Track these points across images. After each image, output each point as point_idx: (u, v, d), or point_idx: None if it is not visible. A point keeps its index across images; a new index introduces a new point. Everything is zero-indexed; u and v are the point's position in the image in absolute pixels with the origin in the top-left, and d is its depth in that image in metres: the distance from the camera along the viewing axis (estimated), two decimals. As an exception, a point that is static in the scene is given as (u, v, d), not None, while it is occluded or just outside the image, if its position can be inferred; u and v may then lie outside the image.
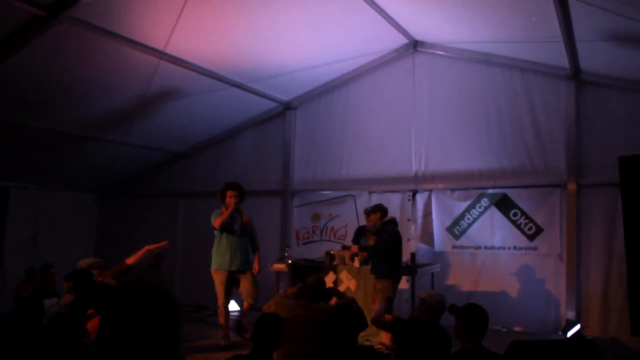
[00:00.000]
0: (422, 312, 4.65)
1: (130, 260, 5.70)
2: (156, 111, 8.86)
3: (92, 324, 4.00)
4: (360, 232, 8.44)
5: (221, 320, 7.24)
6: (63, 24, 6.04)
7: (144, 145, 10.03)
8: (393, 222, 7.46)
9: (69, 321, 3.83)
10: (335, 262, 7.54)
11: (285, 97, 9.88)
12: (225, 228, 7.19)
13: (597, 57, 7.31)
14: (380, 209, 7.32)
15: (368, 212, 7.49)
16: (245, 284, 7.23)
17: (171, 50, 7.27)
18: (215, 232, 7.30)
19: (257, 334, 3.76)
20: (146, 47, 7.08)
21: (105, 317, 1.67)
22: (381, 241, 7.06)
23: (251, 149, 10.44)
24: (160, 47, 7.12)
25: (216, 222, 7.17)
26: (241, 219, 7.35)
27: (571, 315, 7.82)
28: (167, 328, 1.68)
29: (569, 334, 7.41)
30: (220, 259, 7.20)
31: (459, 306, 4.02)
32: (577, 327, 7.56)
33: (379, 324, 5.00)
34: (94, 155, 9.78)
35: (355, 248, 7.50)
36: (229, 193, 7.23)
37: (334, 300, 5.37)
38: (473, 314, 3.91)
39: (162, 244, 6.23)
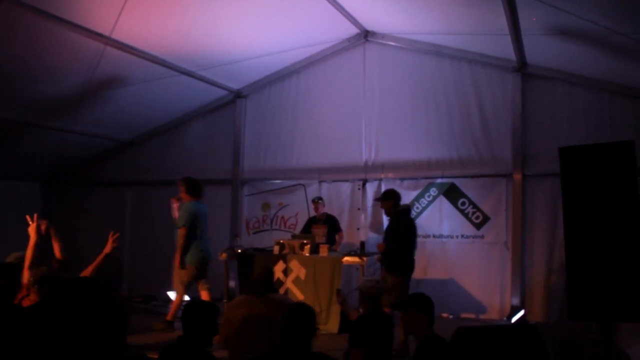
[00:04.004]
0: (362, 302, 4.68)
1: (88, 272, 5.08)
2: (103, 98, 8.63)
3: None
4: (311, 222, 8.46)
5: None
6: (3, 5, 5.83)
7: (90, 132, 9.77)
8: (408, 210, 7.08)
9: None
10: (285, 251, 7.53)
11: (235, 86, 9.78)
12: None
13: (542, 50, 7.47)
14: (393, 196, 6.79)
15: (380, 199, 6.98)
16: None
17: (118, 35, 7.07)
18: None
19: (186, 321, 3.57)
20: (91, 32, 6.88)
21: None
22: (398, 232, 6.65)
23: (201, 138, 10.31)
24: (106, 32, 6.92)
25: None
26: None
27: (516, 301, 8.03)
28: None
29: (513, 319, 7.60)
30: None
31: (404, 301, 4.04)
32: (522, 312, 7.76)
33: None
34: (38, 143, 9.47)
35: (381, 246, 6.88)
36: None
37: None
38: (429, 301, 3.93)
39: (112, 241, 5.22)
